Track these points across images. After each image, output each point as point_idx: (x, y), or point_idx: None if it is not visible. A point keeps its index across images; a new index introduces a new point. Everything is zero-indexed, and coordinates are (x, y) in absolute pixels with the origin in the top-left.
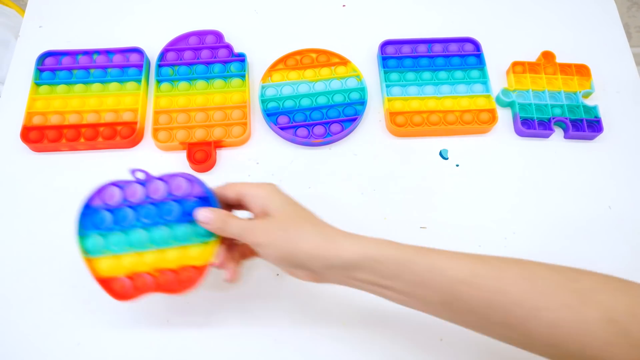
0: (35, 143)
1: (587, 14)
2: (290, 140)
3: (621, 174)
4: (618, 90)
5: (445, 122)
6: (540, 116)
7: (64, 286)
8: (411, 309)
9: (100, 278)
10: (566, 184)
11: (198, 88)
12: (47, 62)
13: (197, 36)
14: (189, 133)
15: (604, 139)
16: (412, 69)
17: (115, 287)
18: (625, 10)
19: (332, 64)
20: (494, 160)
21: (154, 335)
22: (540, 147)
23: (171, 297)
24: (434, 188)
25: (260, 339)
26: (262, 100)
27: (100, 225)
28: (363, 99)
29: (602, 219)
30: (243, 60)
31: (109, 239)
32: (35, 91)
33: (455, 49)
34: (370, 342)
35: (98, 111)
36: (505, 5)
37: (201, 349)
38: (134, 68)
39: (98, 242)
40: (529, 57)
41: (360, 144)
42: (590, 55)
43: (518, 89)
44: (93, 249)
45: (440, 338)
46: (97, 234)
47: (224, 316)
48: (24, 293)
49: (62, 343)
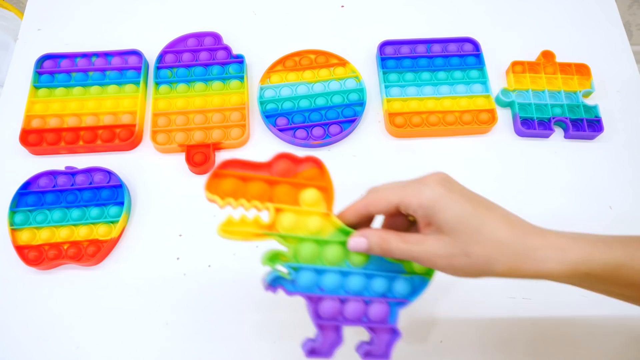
0: (34, 146)
1: (587, 12)
2: (289, 141)
3: (622, 174)
4: (619, 89)
5: (444, 123)
6: (540, 116)
7: (62, 287)
8: (407, 311)
9: (18, 246)
10: (567, 184)
11: (196, 90)
12: (46, 65)
13: (196, 38)
14: (187, 135)
15: (604, 138)
16: (411, 69)
17: (30, 256)
18: (626, 9)
19: (331, 65)
20: (493, 160)
21: (152, 337)
22: (541, 147)
23: (170, 299)
24: None
25: (257, 342)
26: (260, 101)
27: (29, 203)
28: (362, 99)
29: (603, 219)
30: (241, 61)
31: (34, 215)
32: (34, 94)
33: (454, 49)
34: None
35: (97, 114)
36: (505, 4)
37: (200, 350)
38: (133, 70)
39: (24, 217)
40: (528, 56)
41: (360, 145)
42: (590, 55)
43: (518, 89)
44: (19, 222)
45: (440, 340)
46: (25, 211)
47: (222, 318)
48: (24, 294)
49: (61, 346)
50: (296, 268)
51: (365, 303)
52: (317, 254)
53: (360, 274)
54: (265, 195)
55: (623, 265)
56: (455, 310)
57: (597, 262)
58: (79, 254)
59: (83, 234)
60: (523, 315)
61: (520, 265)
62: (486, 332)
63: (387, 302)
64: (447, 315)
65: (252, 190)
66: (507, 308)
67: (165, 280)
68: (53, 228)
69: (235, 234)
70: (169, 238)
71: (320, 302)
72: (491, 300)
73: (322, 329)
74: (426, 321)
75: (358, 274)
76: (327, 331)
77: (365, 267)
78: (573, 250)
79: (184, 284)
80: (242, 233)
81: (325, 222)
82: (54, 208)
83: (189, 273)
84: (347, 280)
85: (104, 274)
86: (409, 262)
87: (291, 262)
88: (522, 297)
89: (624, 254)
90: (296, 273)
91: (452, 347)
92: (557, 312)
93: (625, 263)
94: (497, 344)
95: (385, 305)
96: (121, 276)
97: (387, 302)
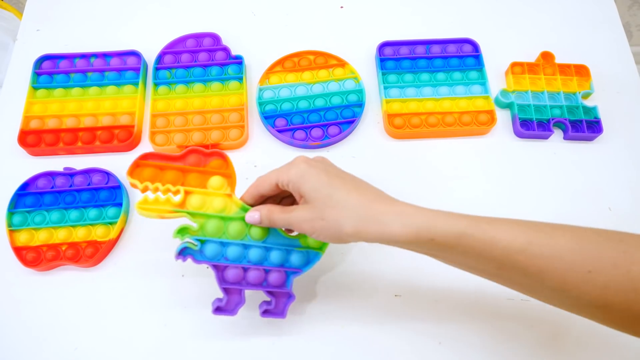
0: (32, 147)
1: (586, 13)
2: (288, 143)
3: (621, 175)
4: (618, 90)
5: (443, 124)
6: (539, 117)
7: (60, 288)
8: (407, 313)
9: (16, 247)
10: (566, 186)
11: (195, 91)
12: (45, 66)
13: (195, 39)
14: (186, 136)
15: (603, 139)
16: (410, 70)
17: (28, 257)
18: (627, 9)
19: (330, 65)
20: (492, 161)
21: (151, 339)
22: (540, 148)
23: (168, 300)
24: (433, 190)
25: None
26: (259, 102)
27: (27, 204)
28: (361, 100)
29: (602, 221)
30: (240, 62)
31: (32, 216)
32: (33, 95)
33: (453, 50)
34: (369, 345)
35: (95, 115)
36: (504, 5)
37: (198, 351)
38: (132, 71)
39: (22, 218)
40: (527, 57)
41: (358, 146)
42: (590, 56)
43: (517, 90)
44: (17, 223)
45: (439, 342)
46: (23, 212)
47: (221, 319)
48: (22, 295)
49: (59, 347)
50: (203, 241)
51: (265, 271)
52: (221, 229)
53: (260, 246)
54: (178, 181)
55: (466, 234)
56: (454, 311)
57: (442, 228)
58: (77, 255)
59: (81, 235)
60: (521, 317)
61: (366, 227)
62: (485, 333)
63: (284, 271)
64: (445, 317)
65: (167, 177)
66: (505, 309)
67: (163, 282)
68: (51, 229)
69: (150, 211)
70: (167, 239)
71: (225, 270)
72: (489, 301)
73: (227, 292)
74: (425, 322)
75: (258, 246)
76: (232, 294)
77: (265, 242)
78: (417, 216)
79: (182, 285)
80: (156, 210)
81: (228, 202)
82: (52, 209)
83: (187, 274)
84: (249, 252)
85: (102, 275)
86: (305, 238)
87: (199, 236)
88: (520, 298)
89: (469, 224)
90: (203, 245)
91: (451, 349)
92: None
93: (469, 232)
94: (496, 345)
95: (283, 274)
96: (119, 277)
97: (284, 271)
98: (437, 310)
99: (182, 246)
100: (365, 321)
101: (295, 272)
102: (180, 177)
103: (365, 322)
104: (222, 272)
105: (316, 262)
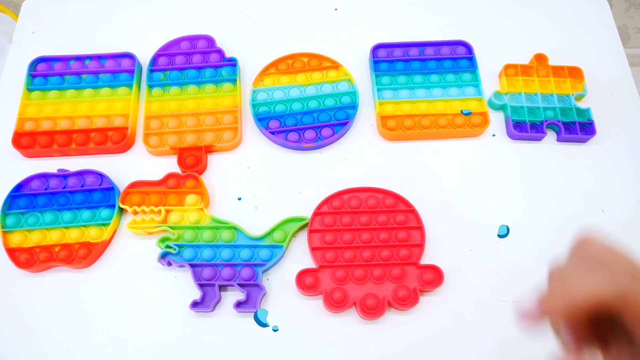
0: (26, 149)
1: (580, 15)
2: (281, 144)
3: (614, 177)
4: (611, 92)
5: (436, 126)
6: (532, 119)
7: (53, 289)
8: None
9: (9, 248)
10: (559, 188)
11: (189, 93)
12: (39, 68)
13: (189, 41)
14: (179, 138)
15: (597, 141)
16: (404, 72)
17: (21, 258)
18: (623, 12)
19: (324, 67)
20: (486, 163)
21: (143, 340)
22: (533, 150)
23: (161, 302)
24: (426, 192)
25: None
26: (253, 104)
27: (21, 206)
28: (354, 102)
29: (595, 222)
30: (234, 64)
31: (25, 217)
32: (27, 97)
33: (447, 52)
34: (361, 348)
35: (89, 116)
36: (497, 7)
37: (191, 353)
38: (126, 73)
39: (16, 219)
40: (521, 59)
41: (352, 148)
42: (583, 57)
43: (510, 92)
44: (10, 225)
45: (431, 344)
46: (17, 213)
47: (216, 320)
48: (15, 296)
49: (52, 348)
50: (182, 247)
51: (236, 268)
52: (197, 236)
53: (230, 247)
54: (161, 202)
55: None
56: (446, 313)
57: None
58: (70, 257)
59: (74, 236)
60: (514, 319)
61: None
62: (477, 335)
63: (252, 266)
64: (437, 319)
65: (151, 199)
66: (498, 312)
67: (156, 283)
68: (44, 230)
69: (138, 229)
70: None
71: (201, 269)
72: (482, 304)
73: (203, 288)
74: (416, 324)
75: (228, 247)
76: (208, 290)
77: (234, 242)
78: None
79: (175, 286)
80: (142, 227)
81: (202, 215)
82: (45, 210)
83: (180, 276)
84: (221, 252)
85: (95, 277)
86: (270, 235)
87: (177, 242)
88: (513, 300)
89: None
90: (182, 250)
91: (443, 351)
92: None
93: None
94: (489, 347)
95: (252, 268)
96: (112, 279)
97: (252, 266)
98: (428, 312)
99: (163, 252)
100: (356, 324)
101: (262, 265)
102: (162, 198)
103: (356, 325)
104: (199, 271)
105: (280, 255)
